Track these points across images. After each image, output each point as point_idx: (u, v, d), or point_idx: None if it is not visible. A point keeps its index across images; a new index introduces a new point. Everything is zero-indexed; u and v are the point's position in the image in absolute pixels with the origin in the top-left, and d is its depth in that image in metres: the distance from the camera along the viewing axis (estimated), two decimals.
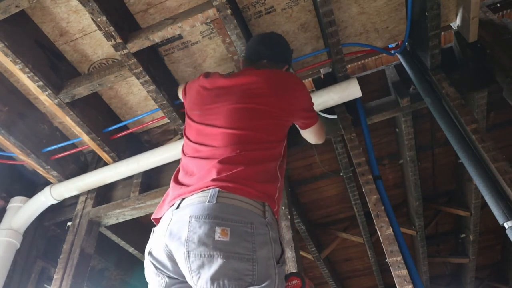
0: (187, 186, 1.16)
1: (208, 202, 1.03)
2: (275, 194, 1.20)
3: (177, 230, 1.04)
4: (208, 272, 0.95)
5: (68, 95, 2.04)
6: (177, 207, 1.10)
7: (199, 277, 0.96)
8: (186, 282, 1.05)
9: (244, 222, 1.02)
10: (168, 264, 1.09)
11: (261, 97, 1.34)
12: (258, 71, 1.47)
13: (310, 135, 1.69)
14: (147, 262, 1.14)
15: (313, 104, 1.57)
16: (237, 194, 1.07)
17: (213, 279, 0.94)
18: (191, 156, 1.31)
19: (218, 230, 0.98)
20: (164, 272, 1.10)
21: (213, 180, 1.10)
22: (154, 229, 1.17)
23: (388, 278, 4.26)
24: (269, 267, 1.00)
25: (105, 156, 2.36)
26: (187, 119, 1.49)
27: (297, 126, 1.63)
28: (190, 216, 1.02)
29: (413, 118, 2.39)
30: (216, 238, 0.97)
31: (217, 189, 1.06)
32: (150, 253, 1.13)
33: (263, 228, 1.05)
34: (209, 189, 1.07)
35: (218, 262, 0.95)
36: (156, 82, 2.01)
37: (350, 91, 2.03)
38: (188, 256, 0.98)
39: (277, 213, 1.20)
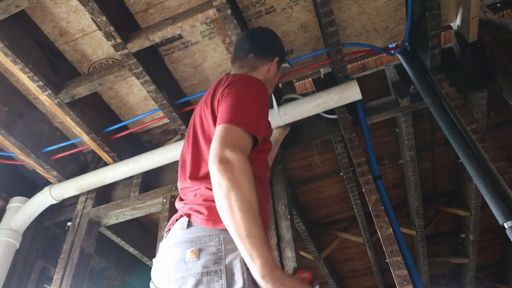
0: (173, 217, 1.23)
1: (181, 229, 1.09)
2: None
3: (162, 259, 1.10)
4: None
5: (68, 95, 2.04)
6: (165, 238, 1.18)
7: None
8: None
9: (211, 237, 1.04)
10: None
11: (208, 102, 1.28)
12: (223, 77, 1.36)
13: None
14: None
15: (248, 106, 1.16)
16: (203, 226, 1.08)
17: None
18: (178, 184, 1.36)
19: (188, 252, 1.02)
20: None
21: (184, 210, 1.15)
22: (153, 260, 1.23)
23: (388, 278, 4.26)
24: (237, 273, 1.00)
25: (105, 156, 2.36)
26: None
27: None
28: (169, 244, 1.09)
29: (413, 118, 2.39)
30: (187, 260, 1.01)
31: (187, 218, 1.11)
32: (152, 282, 1.19)
33: (231, 238, 1.04)
34: (182, 217, 1.13)
35: (190, 282, 0.98)
36: (156, 82, 2.01)
37: (350, 93, 2.03)
38: (169, 282, 1.03)
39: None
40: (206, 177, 1.14)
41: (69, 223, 2.37)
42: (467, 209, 3.36)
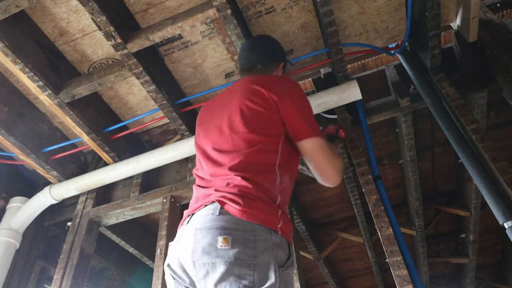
0: (195, 203, 1.24)
1: (212, 214, 1.10)
2: (274, 208, 1.18)
3: (186, 243, 1.11)
4: (212, 279, 1.00)
5: (68, 95, 2.04)
6: (188, 223, 1.18)
7: (205, 285, 1.02)
8: None
9: (246, 230, 1.06)
10: (184, 276, 1.15)
11: (253, 97, 1.33)
12: (245, 79, 1.46)
13: (307, 158, 1.37)
14: (167, 274, 1.22)
15: (307, 110, 1.38)
16: (237, 217, 1.10)
17: (216, 285, 0.99)
18: (197, 175, 1.37)
19: (220, 239, 1.03)
20: (182, 283, 1.17)
21: (214, 197, 1.15)
22: (170, 243, 1.25)
23: (388, 278, 4.26)
24: (270, 270, 1.03)
25: (105, 156, 2.36)
26: (195, 146, 1.51)
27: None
28: (195, 229, 1.09)
29: (413, 118, 2.39)
30: (218, 246, 1.02)
31: (219, 205, 1.12)
32: (168, 265, 1.20)
33: (265, 234, 1.08)
34: (213, 203, 1.14)
35: (220, 269, 1.00)
36: (156, 82, 2.01)
37: (350, 93, 2.03)
38: (194, 266, 1.04)
39: (283, 229, 1.16)
40: (244, 168, 1.19)
41: (69, 223, 2.37)
42: (467, 209, 3.36)
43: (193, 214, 1.19)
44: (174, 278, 1.18)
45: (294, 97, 1.35)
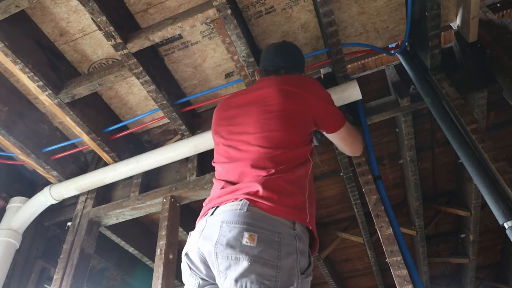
0: (220, 196, 1.24)
1: (240, 210, 1.10)
2: (305, 205, 1.21)
3: (209, 234, 1.11)
4: (234, 273, 1.00)
5: (68, 95, 2.04)
6: (211, 214, 1.18)
7: (225, 278, 1.02)
8: (217, 285, 1.12)
9: (272, 231, 1.07)
10: (201, 267, 1.15)
11: (279, 100, 1.38)
12: (275, 78, 1.52)
13: (339, 142, 1.64)
14: (184, 263, 1.22)
15: (334, 104, 1.55)
16: (267, 213, 1.11)
17: (237, 280, 0.99)
18: (223, 167, 1.37)
19: (246, 235, 1.04)
20: (198, 273, 1.17)
21: (244, 193, 1.16)
22: (191, 233, 1.25)
23: (388, 278, 4.26)
24: (292, 275, 1.04)
25: (105, 156, 2.36)
26: (215, 144, 1.53)
27: (324, 132, 1.60)
28: (222, 221, 1.10)
29: (413, 118, 2.39)
30: (244, 242, 1.03)
31: (247, 202, 1.13)
32: (186, 255, 1.21)
33: (290, 239, 1.09)
34: (241, 199, 1.14)
35: (243, 265, 1.00)
36: (156, 82, 2.01)
37: (350, 93, 2.03)
38: (217, 257, 1.04)
39: (310, 223, 1.20)
40: (277, 165, 1.21)
41: (69, 223, 2.37)
42: (467, 209, 3.36)
43: (217, 206, 1.19)
44: (190, 268, 1.18)
45: (324, 94, 1.49)
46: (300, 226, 1.15)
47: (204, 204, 1.32)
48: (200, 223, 1.22)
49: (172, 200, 2.19)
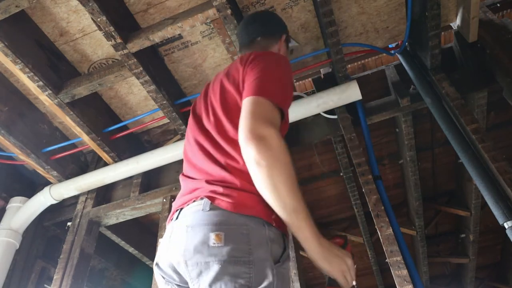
0: (183, 195, 1.17)
1: (202, 210, 1.03)
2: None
3: (176, 241, 1.04)
4: (206, 279, 0.95)
5: (68, 95, 2.04)
6: (176, 219, 1.11)
7: (199, 285, 0.97)
8: None
9: (238, 224, 0.99)
10: (173, 275, 1.10)
11: (231, 76, 1.21)
12: (241, 55, 1.32)
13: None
14: (156, 273, 1.16)
15: (278, 76, 1.12)
16: (229, 211, 1.03)
17: (211, 286, 0.94)
18: (186, 162, 1.29)
19: (212, 236, 0.96)
20: (172, 281, 1.12)
21: (205, 191, 1.08)
22: (160, 240, 1.21)
23: (388, 278, 4.25)
24: (266, 268, 0.97)
25: (105, 156, 2.36)
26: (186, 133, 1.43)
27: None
28: (186, 226, 1.02)
29: (413, 118, 2.39)
30: (211, 244, 0.95)
31: (209, 200, 1.04)
32: (157, 264, 1.15)
33: (259, 227, 1.01)
34: (202, 199, 1.06)
35: (214, 269, 0.94)
36: (156, 82, 2.01)
37: (349, 93, 2.03)
38: (187, 266, 0.98)
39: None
40: (231, 160, 1.09)
41: (69, 223, 2.37)
42: (467, 209, 3.36)
43: (181, 209, 1.12)
44: (163, 277, 1.12)
45: (262, 63, 1.14)
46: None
47: (173, 204, 1.24)
48: (167, 229, 1.14)
49: (172, 200, 2.19)
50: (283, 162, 0.92)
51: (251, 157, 0.93)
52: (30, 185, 2.67)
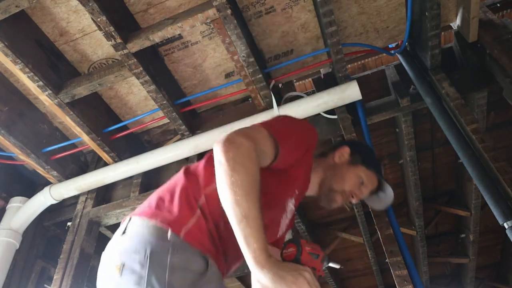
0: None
1: (118, 235, 1.00)
2: (186, 220, 0.99)
3: (100, 272, 1.00)
4: None
5: (68, 95, 2.04)
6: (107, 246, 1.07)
7: None
8: None
9: (137, 250, 0.90)
10: None
11: None
12: None
13: None
14: None
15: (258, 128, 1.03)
16: (142, 217, 1.00)
17: None
18: None
19: (114, 267, 0.91)
20: None
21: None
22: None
23: (388, 278, 4.25)
24: None
25: (105, 156, 2.36)
26: None
27: None
28: (104, 256, 0.99)
29: (413, 118, 2.39)
30: (113, 275, 0.90)
31: (130, 217, 1.02)
32: None
33: (163, 252, 0.90)
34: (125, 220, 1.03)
35: None
36: (156, 82, 2.00)
37: (350, 93, 2.03)
38: None
39: (189, 238, 0.95)
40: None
41: (69, 223, 2.37)
42: (467, 209, 3.36)
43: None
44: None
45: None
46: (173, 235, 0.93)
47: None
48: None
49: None
50: (245, 166, 0.87)
51: (216, 156, 0.91)
52: (30, 185, 2.67)
